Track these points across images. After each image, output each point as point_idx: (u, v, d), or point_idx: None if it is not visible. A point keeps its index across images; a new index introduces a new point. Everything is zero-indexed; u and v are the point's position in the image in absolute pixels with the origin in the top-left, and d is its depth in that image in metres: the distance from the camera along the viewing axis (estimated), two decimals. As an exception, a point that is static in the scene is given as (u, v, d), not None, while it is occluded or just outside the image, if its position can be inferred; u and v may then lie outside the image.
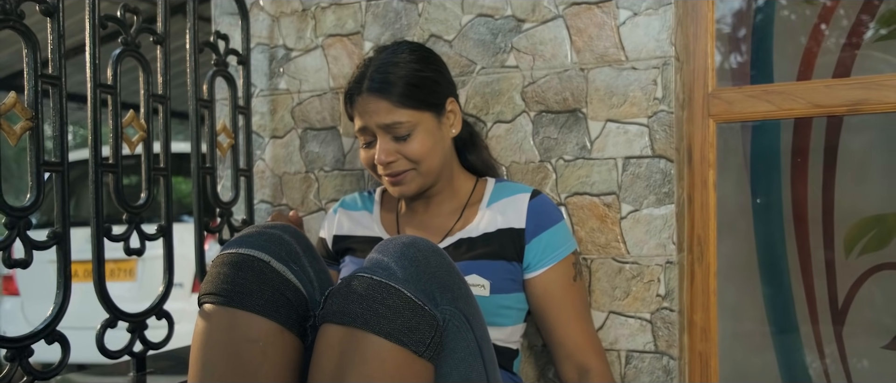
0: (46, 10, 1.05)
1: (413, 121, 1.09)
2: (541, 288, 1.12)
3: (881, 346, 1.27)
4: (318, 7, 1.52)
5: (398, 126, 1.09)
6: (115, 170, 1.18)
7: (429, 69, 1.13)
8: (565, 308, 1.12)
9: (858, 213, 1.30)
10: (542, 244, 1.12)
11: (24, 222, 1.01)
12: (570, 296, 1.13)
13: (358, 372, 0.82)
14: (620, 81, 1.27)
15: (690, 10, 1.32)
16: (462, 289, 0.91)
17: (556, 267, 1.12)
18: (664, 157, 1.24)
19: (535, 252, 1.12)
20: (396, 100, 1.09)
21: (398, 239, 0.91)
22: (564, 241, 1.14)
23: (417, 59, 1.12)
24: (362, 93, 1.11)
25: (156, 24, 1.28)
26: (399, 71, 1.10)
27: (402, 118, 1.09)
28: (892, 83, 1.20)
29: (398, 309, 0.82)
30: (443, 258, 0.90)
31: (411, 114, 1.09)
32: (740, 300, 1.36)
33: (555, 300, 1.12)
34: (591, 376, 1.11)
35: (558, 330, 1.13)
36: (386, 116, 1.09)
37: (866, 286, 1.27)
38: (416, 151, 1.10)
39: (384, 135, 1.11)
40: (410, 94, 1.09)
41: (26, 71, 1.04)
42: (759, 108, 1.29)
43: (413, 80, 1.10)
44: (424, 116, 1.11)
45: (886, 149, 1.28)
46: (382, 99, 1.09)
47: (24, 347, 1.01)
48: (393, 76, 1.09)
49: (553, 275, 1.12)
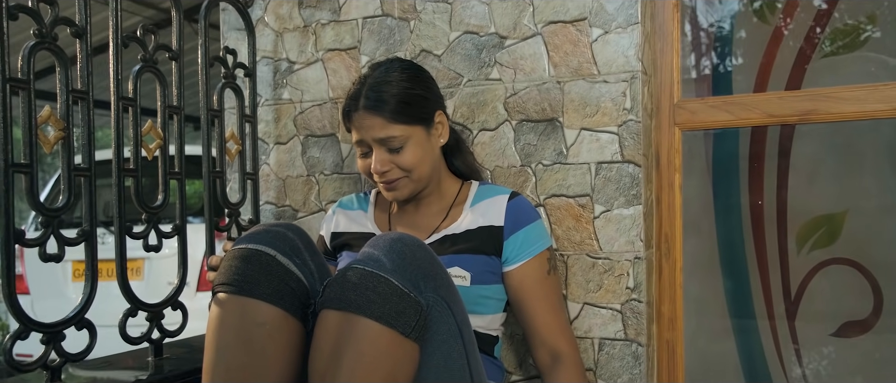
0: (76, 33, 1.18)
1: (405, 135, 1.20)
2: (517, 281, 1.24)
3: (830, 334, 1.38)
4: (319, 23, 1.65)
5: (392, 140, 1.20)
6: (135, 174, 1.31)
7: (419, 87, 1.23)
8: (539, 299, 1.23)
9: (809, 213, 1.41)
10: (519, 240, 1.23)
11: (57, 221, 1.15)
12: (544, 288, 1.24)
13: (352, 350, 0.94)
14: (593, 93, 1.39)
15: (658, 29, 1.45)
16: (444, 279, 1.03)
17: (532, 261, 1.23)
18: (632, 162, 1.36)
19: (512, 247, 1.23)
20: (390, 117, 1.19)
21: (388, 235, 1.03)
22: (539, 238, 1.25)
23: (408, 78, 1.23)
24: (359, 110, 1.21)
25: (171, 41, 1.42)
26: (392, 89, 1.20)
27: (396, 133, 1.20)
28: (838, 95, 1.32)
29: (387, 295, 0.94)
30: (426, 252, 1.02)
31: (404, 128, 1.20)
32: (704, 292, 1.48)
33: (530, 291, 1.24)
34: (562, 360, 1.23)
35: (533, 319, 1.24)
36: (380, 131, 1.20)
37: (816, 279, 1.39)
38: (408, 162, 1.22)
39: (379, 147, 1.22)
40: (402, 111, 1.20)
41: (59, 86, 1.17)
42: (720, 118, 1.42)
43: (405, 97, 1.20)
44: (415, 130, 1.22)
45: (833, 155, 1.39)
46: (377, 115, 1.19)
47: (57, 332, 1.15)
48: (386, 94, 1.20)
49: (528, 269, 1.23)
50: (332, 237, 1.39)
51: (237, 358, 1.01)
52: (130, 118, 1.31)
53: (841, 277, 1.38)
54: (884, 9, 1.35)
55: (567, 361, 1.23)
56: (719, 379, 1.47)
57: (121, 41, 1.27)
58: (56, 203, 1.14)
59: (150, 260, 3.61)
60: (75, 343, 1.19)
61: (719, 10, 1.47)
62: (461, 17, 1.50)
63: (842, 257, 1.37)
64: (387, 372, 0.94)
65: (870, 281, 1.34)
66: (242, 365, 1.01)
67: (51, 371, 1.14)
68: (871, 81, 1.32)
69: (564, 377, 1.21)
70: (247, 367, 1.01)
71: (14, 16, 1.07)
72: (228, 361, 1.02)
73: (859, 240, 1.36)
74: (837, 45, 1.36)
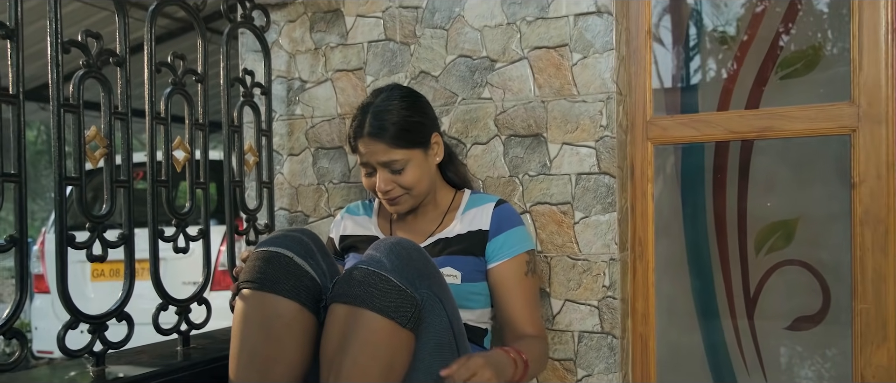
0: (117, 62, 1.35)
1: (405, 158, 1.35)
2: (496, 278, 1.38)
3: (784, 328, 1.50)
4: (328, 46, 1.81)
5: (394, 162, 1.35)
6: (166, 185, 1.48)
7: (417, 114, 1.37)
8: (516, 295, 1.37)
9: (766, 219, 1.53)
10: (501, 242, 1.38)
11: (101, 227, 1.32)
12: (520, 287, 1.37)
13: (357, 338, 1.11)
14: (573, 111, 1.55)
15: (632, 54, 1.60)
16: (437, 278, 1.19)
17: (511, 261, 1.37)
18: (608, 174, 1.52)
19: (494, 248, 1.38)
20: (391, 143, 1.33)
21: (388, 239, 1.19)
22: (520, 242, 1.39)
23: (407, 106, 1.36)
24: (363, 136, 1.35)
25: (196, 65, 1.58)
26: (392, 117, 1.34)
27: (397, 157, 1.34)
28: (791, 114, 1.48)
29: (387, 291, 1.11)
30: (422, 254, 1.18)
31: (404, 152, 1.34)
32: (674, 290, 1.60)
33: (507, 288, 1.37)
34: (530, 336, 1.36)
35: (508, 312, 1.37)
36: (383, 156, 1.34)
37: (772, 278, 1.51)
38: (408, 181, 1.36)
39: (382, 169, 1.36)
40: (402, 137, 1.34)
41: (103, 109, 1.34)
42: (687, 133, 1.57)
43: (404, 125, 1.34)
44: (415, 153, 1.36)
45: (787, 167, 1.51)
46: (380, 142, 1.33)
47: (101, 323, 1.32)
48: (387, 122, 1.33)
49: (507, 268, 1.37)
50: (341, 239, 1.55)
51: (259, 346, 1.18)
52: (162, 135, 1.48)
53: (794, 277, 1.51)
54: (831, 39, 1.50)
55: (532, 338, 1.37)
56: (687, 369, 1.61)
57: (154, 68, 1.44)
58: (99, 210, 1.32)
59: (165, 261, 3.76)
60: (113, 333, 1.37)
61: (687, 36, 1.62)
62: (456, 42, 1.66)
63: (795, 259, 1.50)
64: (386, 357, 1.10)
65: (819, 280, 1.47)
66: (264, 352, 1.18)
67: (96, 356, 1.31)
68: (820, 102, 1.46)
69: (530, 341, 1.34)
70: (268, 353, 1.18)
71: (66, 49, 1.24)
72: (252, 348, 1.18)
73: (810, 243, 1.49)
74: (791, 69, 1.50)
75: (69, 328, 1.26)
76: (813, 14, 1.52)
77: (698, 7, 1.60)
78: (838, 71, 1.45)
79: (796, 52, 1.50)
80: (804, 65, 1.50)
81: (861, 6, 1.41)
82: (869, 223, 1.41)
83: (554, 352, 1.55)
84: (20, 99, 1.15)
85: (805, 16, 1.51)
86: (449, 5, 1.66)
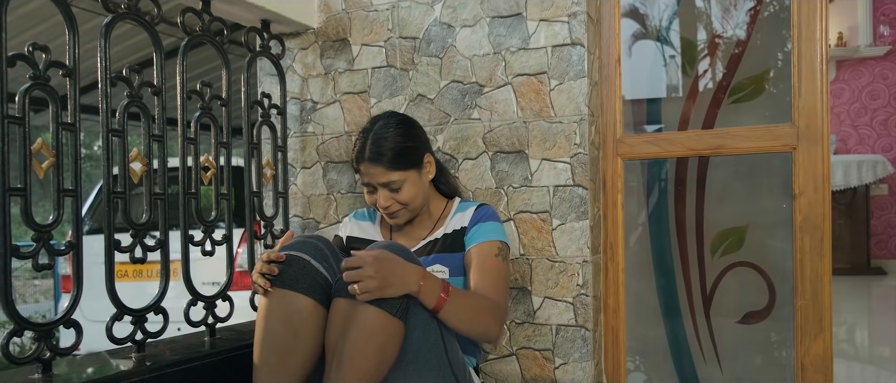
0: (155, 91, 1.57)
1: (402, 179, 1.54)
2: (468, 258, 1.54)
3: (736, 321, 1.69)
4: (337, 71, 2.03)
5: (392, 183, 1.54)
6: (195, 196, 1.70)
7: (410, 140, 1.56)
8: (483, 270, 1.50)
9: (720, 226, 1.72)
10: (476, 230, 1.55)
11: (143, 233, 1.54)
12: (488, 264, 1.51)
13: (355, 327, 1.30)
14: (551, 131, 1.76)
15: (604, 79, 1.81)
16: None
17: (483, 244, 1.53)
18: (581, 186, 1.72)
19: (471, 235, 1.55)
20: (388, 166, 1.52)
21: (382, 243, 1.40)
22: (493, 232, 1.55)
23: (402, 133, 1.55)
24: (364, 161, 1.54)
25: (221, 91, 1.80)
26: (389, 144, 1.52)
27: (394, 177, 1.53)
28: (740, 134, 1.68)
29: None
30: (409, 254, 1.39)
31: (400, 173, 1.53)
32: (641, 288, 1.79)
33: (476, 265, 1.52)
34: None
35: (474, 284, 1.50)
36: (382, 177, 1.53)
37: (726, 278, 1.70)
38: (405, 198, 1.56)
39: (382, 188, 1.55)
40: (398, 161, 1.52)
41: (143, 134, 1.56)
42: (652, 150, 1.78)
43: (399, 150, 1.53)
44: (410, 173, 1.55)
45: (738, 180, 1.70)
46: (378, 166, 1.52)
47: (142, 316, 1.54)
48: (384, 148, 1.52)
49: (479, 248, 1.53)
50: (348, 240, 1.77)
51: (280, 336, 1.39)
52: (193, 155, 1.70)
53: (744, 277, 1.69)
54: (776, 69, 1.70)
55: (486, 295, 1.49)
56: (652, 358, 1.81)
57: (185, 95, 1.66)
58: (141, 220, 1.54)
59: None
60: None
61: (652, 64, 1.83)
62: (449, 69, 1.88)
63: (745, 261, 1.69)
64: (380, 342, 1.30)
65: (766, 280, 1.67)
66: (284, 341, 1.38)
67: (137, 344, 1.53)
68: (765, 124, 1.67)
69: (476, 293, 1.47)
70: (287, 342, 1.38)
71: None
72: (273, 338, 1.40)
73: (758, 247, 1.68)
74: (740, 94, 1.70)
75: (116, 320, 1.48)
76: (760, 48, 1.73)
77: (663, 38, 1.81)
78: (781, 96, 1.65)
79: (745, 80, 1.71)
80: (752, 91, 1.70)
81: (800, 40, 1.62)
82: (807, 229, 1.61)
83: (534, 343, 1.76)
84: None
85: (752, 49, 1.72)
86: (443, 36, 1.88)
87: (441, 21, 1.88)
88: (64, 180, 1.36)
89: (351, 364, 1.30)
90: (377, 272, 1.30)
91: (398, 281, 1.32)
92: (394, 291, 1.32)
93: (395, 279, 1.32)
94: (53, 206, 1.35)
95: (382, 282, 1.30)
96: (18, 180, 1.30)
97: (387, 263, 1.33)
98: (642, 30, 1.83)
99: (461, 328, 1.41)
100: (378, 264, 1.31)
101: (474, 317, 1.42)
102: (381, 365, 1.32)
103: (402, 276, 1.33)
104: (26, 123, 1.31)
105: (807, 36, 1.61)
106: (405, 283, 1.33)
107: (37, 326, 1.33)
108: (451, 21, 1.86)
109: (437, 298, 1.36)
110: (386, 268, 1.32)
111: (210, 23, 1.73)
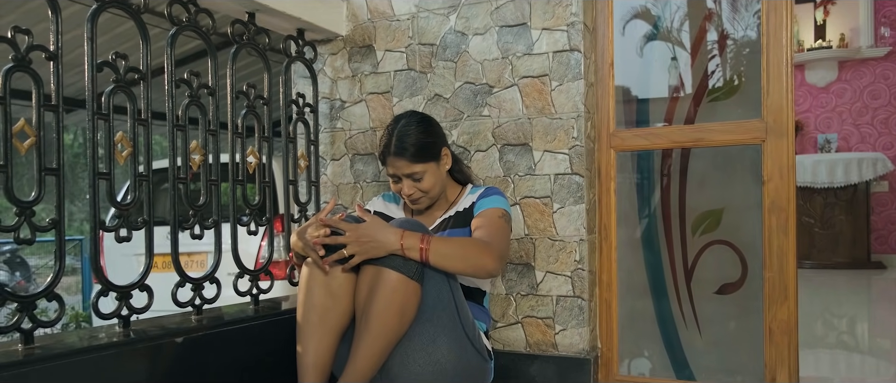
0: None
1: (423, 170, 1.77)
2: (475, 222, 1.75)
3: (713, 292, 1.91)
4: (363, 74, 2.30)
5: (414, 173, 1.77)
6: (243, 183, 1.97)
7: (429, 136, 1.79)
8: (484, 224, 1.72)
9: (700, 209, 1.93)
10: (482, 203, 1.78)
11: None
12: (490, 221, 1.72)
13: (379, 289, 1.52)
14: (552, 126, 2.02)
15: (599, 81, 2.07)
16: None
17: (486, 210, 1.76)
18: (578, 174, 1.98)
19: (477, 207, 1.78)
20: (411, 159, 1.75)
21: (401, 219, 1.65)
22: (496, 202, 1.77)
23: (422, 130, 1.78)
24: (390, 155, 1.77)
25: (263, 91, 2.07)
26: (411, 139, 1.75)
27: (416, 169, 1.77)
28: (718, 128, 1.92)
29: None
30: (423, 228, 1.64)
31: (421, 165, 1.76)
32: (631, 264, 2.01)
33: (480, 223, 1.73)
34: None
35: (474, 234, 1.72)
36: (406, 169, 1.77)
37: (705, 254, 1.91)
38: (426, 186, 1.79)
39: (406, 178, 1.79)
40: (419, 154, 1.76)
41: (200, 126, 1.83)
42: (641, 143, 2.03)
43: (420, 145, 1.76)
44: (429, 165, 1.78)
45: (715, 169, 1.92)
46: (403, 158, 1.75)
47: (200, 285, 1.81)
48: (407, 143, 1.75)
49: (482, 213, 1.75)
50: (374, 212, 2.03)
51: (320, 298, 1.64)
52: (239, 149, 1.96)
53: (721, 253, 1.91)
54: (748, 72, 1.95)
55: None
56: (641, 325, 2.06)
57: (234, 95, 1.93)
58: (196, 201, 1.81)
59: (210, 254, 4.29)
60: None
61: (642, 66, 2.09)
62: (463, 72, 2.14)
63: (721, 239, 1.91)
64: (400, 302, 1.53)
65: (739, 255, 1.89)
66: (324, 302, 1.63)
67: (196, 308, 1.80)
68: (738, 119, 1.92)
69: (466, 237, 1.71)
70: (326, 304, 1.63)
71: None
72: (314, 300, 1.65)
73: (732, 227, 1.89)
74: (718, 94, 1.95)
75: (179, 287, 1.76)
76: (734, 54, 1.98)
77: (652, 40, 2.07)
78: (752, 96, 1.90)
79: (723, 83, 1.96)
80: (727, 91, 1.95)
81: (769, 47, 1.86)
82: (774, 211, 1.85)
83: (537, 312, 2.02)
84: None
85: (728, 55, 1.97)
86: (457, 43, 2.14)
87: (455, 29, 2.14)
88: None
89: (378, 320, 1.56)
90: (357, 239, 1.56)
91: (379, 243, 1.56)
92: (377, 252, 1.57)
93: (375, 243, 1.56)
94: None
95: (364, 247, 1.56)
96: (103, 165, 1.55)
97: (367, 230, 1.57)
98: (653, 31, 2.08)
99: (455, 267, 1.60)
100: (358, 233, 1.56)
101: (461, 254, 1.59)
102: (403, 319, 1.57)
103: (382, 239, 1.56)
104: (105, 119, 1.59)
105: (774, 43, 1.86)
106: (386, 244, 1.56)
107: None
108: (464, 29, 2.13)
109: (418, 249, 1.56)
110: (366, 235, 1.56)
111: (255, 33, 2.00)
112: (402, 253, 1.57)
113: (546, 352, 1.98)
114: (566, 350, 1.97)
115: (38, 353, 1.35)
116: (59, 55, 1.46)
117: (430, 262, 1.58)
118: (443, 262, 1.59)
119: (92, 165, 1.53)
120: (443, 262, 1.59)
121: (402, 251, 1.57)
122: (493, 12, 2.07)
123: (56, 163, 1.45)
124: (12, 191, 1.36)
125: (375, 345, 1.57)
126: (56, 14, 1.46)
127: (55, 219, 1.45)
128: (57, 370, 1.35)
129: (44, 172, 1.43)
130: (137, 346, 1.51)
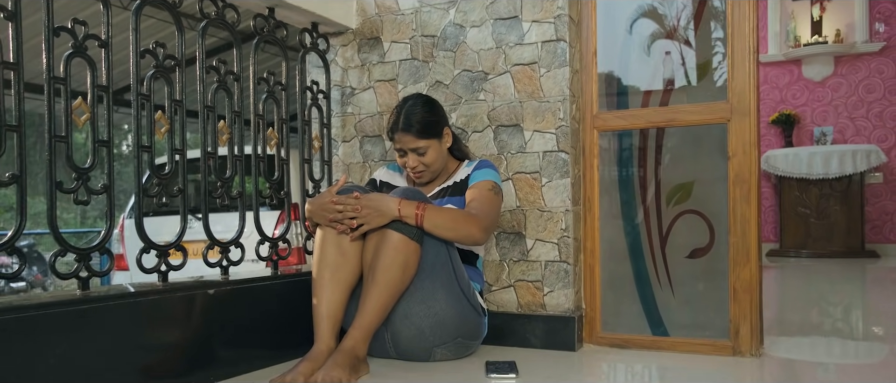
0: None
1: (426, 145, 2.00)
2: (469, 195, 1.98)
3: (685, 257, 2.11)
4: (371, 63, 2.55)
5: (419, 148, 2.00)
6: (263, 160, 2.22)
7: (433, 115, 2.02)
8: (475, 198, 1.96)
9: (673, 182, 2.11)
10: (475, 175, 2.01)
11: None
12: (481, 193, 1.96)
13: (384, 248, 1.75)
14: (541, 109, 2.25)
15: (583, 68, 2.30)
16: None
17: (479, 182, 1.99)
18: (564, 151, 2.21)
19: (471, 178, 2.01)
20: (417, 135, 1.98)
21: (402, 187, 1.91)
22: (488, 175, 2.00)
23: (427, 110, 2.01)
24: (398, 130, 2.00)
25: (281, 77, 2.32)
26: (417, 117, 1.98)
27: (421, 144, 2.00)
28: (688, 110, 2.14)
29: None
30: (422, 196, 1.87)
31: (426, 141, 1.99)
32: (612, 233, 2.21)
33: (472, 194, 1.98)
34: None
35: (468, 205, 1.96)
36: (412, 143, 2.00)
37: (678, 223, 2.11)
38: (429, 160, 2.03)
39: (412, 152, 2.01)
40: (424, 130, 1.98)
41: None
42: (621, 124, 2.26)
43: (425, 123, 1.98)
44: (432, 142, 2.01)
45: (687, 146, 2.12)
46: (409, 134, 1.98)
47: (227, 248, 2.06)
48: (414, 120, 1.97)
49: (475, 185, 1.99)
50: (380, 183, 2.21)
51: (332, 257, 1.88)
52: (262, 132, 2.21)
53: (691, 221, 2.10)
54: (717, 59, 2.18)
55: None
56: (620, 287, 2.28)
57: (256, 81, 2.18)
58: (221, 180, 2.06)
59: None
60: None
61: (622, 54, 2.32)
62: (461, 61, 2.38)
63: (692, 209, 2.10)
64: (402, 260, 1.76)
65: (707, 223, 2.11)
66: (336, 260, 1.86)
67: (223, 268, 2.06)
68: (707, 101, 2.15)
69: (458, 209, 1.94)
70: (338, 261, 1.86)
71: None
72: (328, 258, 1.88)
73: (702, 198, 2.09)
74: (686, 81, 2.20)
75: (208, 250, 2.01)
76: (703, 42, 2.21)
77: (629, 32, 2.30)
78: (719, 80, 2.13)
79: (695, 65, 2.20)
80: (697, 76, 2.19)
81: (733, 36, 2.09)
82: (738, 183, 2.07)
83: (527, 276, 2.25)
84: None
85: (698, 43, 2.21)
86: (456, 34, 2.38)
87: (454, 22, 2.38)
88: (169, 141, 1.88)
89: (383, 274, 1.80)
90: (358, 211, 1.80)
91: (380, 212, 1.81)
92: (378, 221, 1.81)
93: (377, 212, 1.81)
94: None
95: (366, 216, 1.80)
96: (145, 138, 1.83)
97: (369, 202, 1.81)
98: (653, 24, 2.32)
99: (446, 234, 1.84)
100: (361, 204, 1.80)
101: (452, 224, 1.84)
102: (405, 275, 1.82)
103: (383, 209, 1.80)
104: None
105: (739, 33, 2.09)
106: (386, 212, 1.80)
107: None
108: (462, 22, 2.37)
109: (414, 215, 1.80)
110: (368, 206, 1.80)
111: (274, 26, 2.25)
112: (401, 219, 1.80)
113: (536, 312, 2.22)
114: (553, 310, 2.20)
115: (93, 296, 1.59)
116: (109, 43, 1.68)
117: (424, 228, 1.80)
118: (435, 231, 1.83)
119: (136, 139, 1.78)
120: (435, 231, 1.83)
121: (400, 217, 1.80)
122: (488, 7, 2.31)
123: (106, 136, 1.67)
124: (72, 158, 1.57)
125: (381, 297, 1.81)
126: (107, 8, 1.70)
127: (107, 183, 1.66)
128: (107, 310, 1.58)
129: (97, 144, 1.64)
130: (176, 294, 1.75)
